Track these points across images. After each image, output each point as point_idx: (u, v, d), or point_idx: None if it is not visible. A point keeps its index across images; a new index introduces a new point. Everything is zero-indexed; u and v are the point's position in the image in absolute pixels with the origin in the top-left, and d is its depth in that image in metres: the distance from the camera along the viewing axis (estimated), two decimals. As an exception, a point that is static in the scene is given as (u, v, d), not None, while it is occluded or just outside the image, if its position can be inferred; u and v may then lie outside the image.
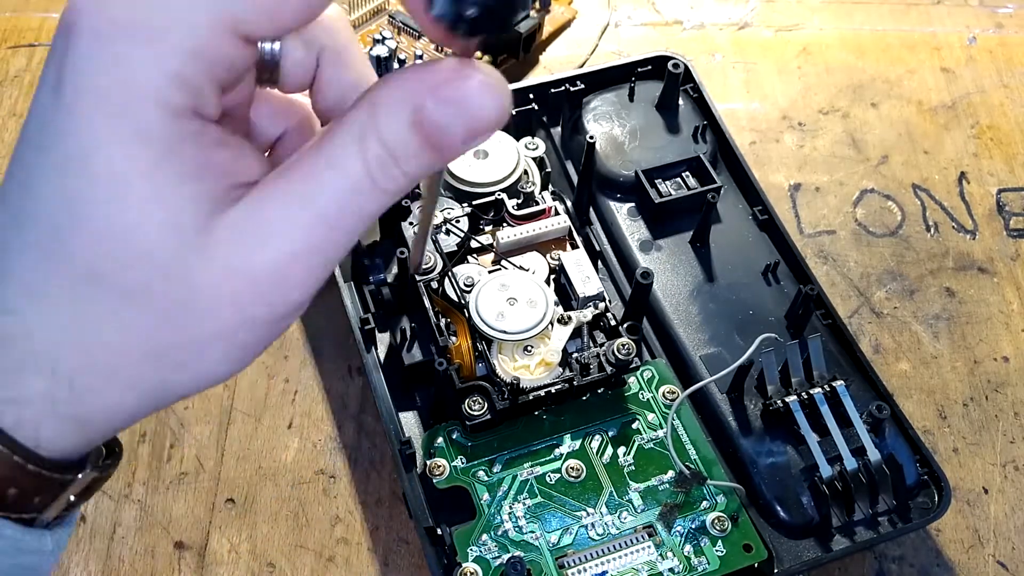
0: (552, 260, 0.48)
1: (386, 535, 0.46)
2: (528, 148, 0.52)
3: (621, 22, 0.66)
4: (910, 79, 0.64)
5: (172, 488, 0.46)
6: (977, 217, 0.58)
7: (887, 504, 0.43)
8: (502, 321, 0.45)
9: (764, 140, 0.61)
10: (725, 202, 0.53)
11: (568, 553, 0.41)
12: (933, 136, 0.61)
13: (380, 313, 0.48)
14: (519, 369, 0.45)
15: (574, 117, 0.56)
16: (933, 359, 0.52)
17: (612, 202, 0.53)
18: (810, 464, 0.43)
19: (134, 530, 0.45)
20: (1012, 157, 0.60)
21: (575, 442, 0.44)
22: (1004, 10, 0.68)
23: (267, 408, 0.49)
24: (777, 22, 0.67)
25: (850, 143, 0.61)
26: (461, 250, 0.48)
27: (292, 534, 0.45)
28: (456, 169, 0.50)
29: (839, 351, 0.47)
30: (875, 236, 0.57)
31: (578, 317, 0.46)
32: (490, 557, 0.41)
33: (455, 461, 0.43)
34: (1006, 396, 0.51)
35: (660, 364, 0.47)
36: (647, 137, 0.55)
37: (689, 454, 0.44)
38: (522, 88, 0.55)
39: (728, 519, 0.42)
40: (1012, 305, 0.54)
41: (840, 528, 0.43)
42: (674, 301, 0.49)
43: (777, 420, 0.45)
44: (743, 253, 0.51)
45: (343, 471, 0.47)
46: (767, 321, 0.49)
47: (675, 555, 0.41)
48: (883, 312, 0.54)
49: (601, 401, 0.46)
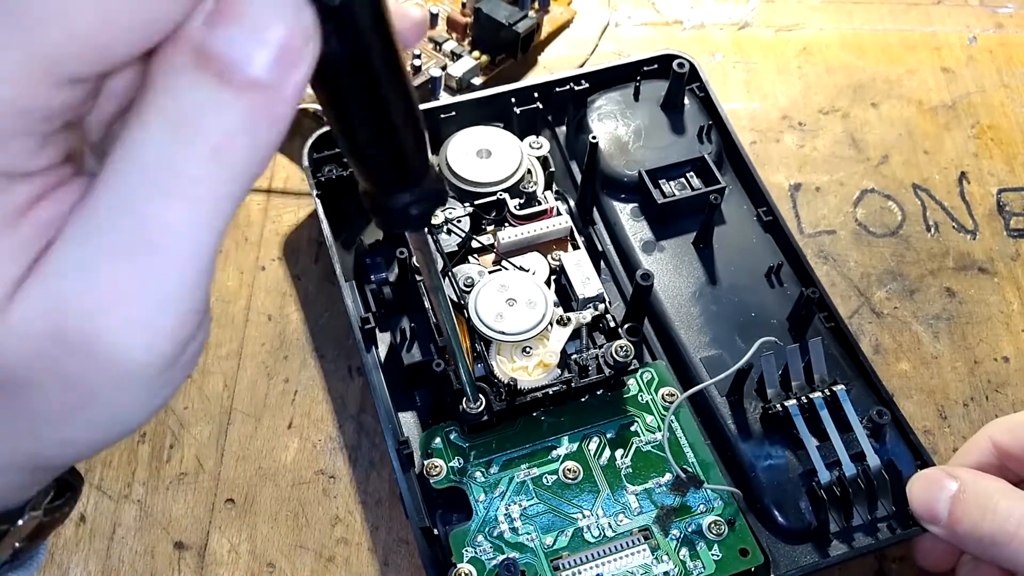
0: (553, 261, 0.46)
1: (386, 535, 0.44)
2: (532, 147, 0.50)
3: (621, 22, 0.64)
4: (910, 79, 0.62)
5: (172, 488, 0.44)
6: (977, 217, 0.55)
7: (886, 510, 0.41)
8: (501, 322, 0.43)
9: (764, 140, 0.58)
10: (730, 203, 0.51)
11: (563, 555, 0.40)
12: (933, 136, 0.59)
13: (381, 313, 0.47)
14: (517, 370, 0.43)
15: (579, 116, 0.54)
16: (933, 359, 0.50)
17: (616, 202, 0.51)
18: (809, 469, 0.41)
19: (134, 530, 0.43)
20: (1012, 157, 0.58)
21: (573, 444, 0.42)
22: (1004, 10, 0.66)
23: (267, 408, 0.47)
24: (777, 22, 0.65)
25: (850, 143, 0.58)
26: (462, 250, 0.47)
27: (292, 534, 0.44)
28: (459, 168, 0.49)
29: (840, 353, 0.45)
30: (875, 236, 0.54)
31: (577, 318, 0.44)
32: (485, 558, 0.39)
33: (452, 462, 0.42)
34: (1006, 396, 0.49)
35: (660, 366, 0.45)
36: (652, 137, 0.53)
37: (687, 457, 0.42)
38: (527, 87, 0.53)
39: (725, 523, 0.40)
40: (1012, 305, 0.52)
41: (838, 534, 0.41)
42: (676, 303, 0.47)
43: (776, 424, 0.43)
44: (747, 255, 0.49)
45: (343, 471, 0.45)
46: (769, 323, 0.47)
47: (671, 559, 0.40)
48: (883, 312, 0.52)
49: (600, 403, 0.44)
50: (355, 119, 0.21)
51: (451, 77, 0.56)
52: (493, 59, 0.58)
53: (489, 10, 0.57)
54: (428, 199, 0.25)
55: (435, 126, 0.51)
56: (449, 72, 0.56)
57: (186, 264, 0.18)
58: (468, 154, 0.49)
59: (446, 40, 0.58)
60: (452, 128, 0.51)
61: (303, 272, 0.52)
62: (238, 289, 0.51)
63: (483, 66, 0.57)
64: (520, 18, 0.57)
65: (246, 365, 0.48)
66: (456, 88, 0.56)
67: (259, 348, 0.49)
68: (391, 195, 0.24)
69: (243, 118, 0.17)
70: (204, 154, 0.17)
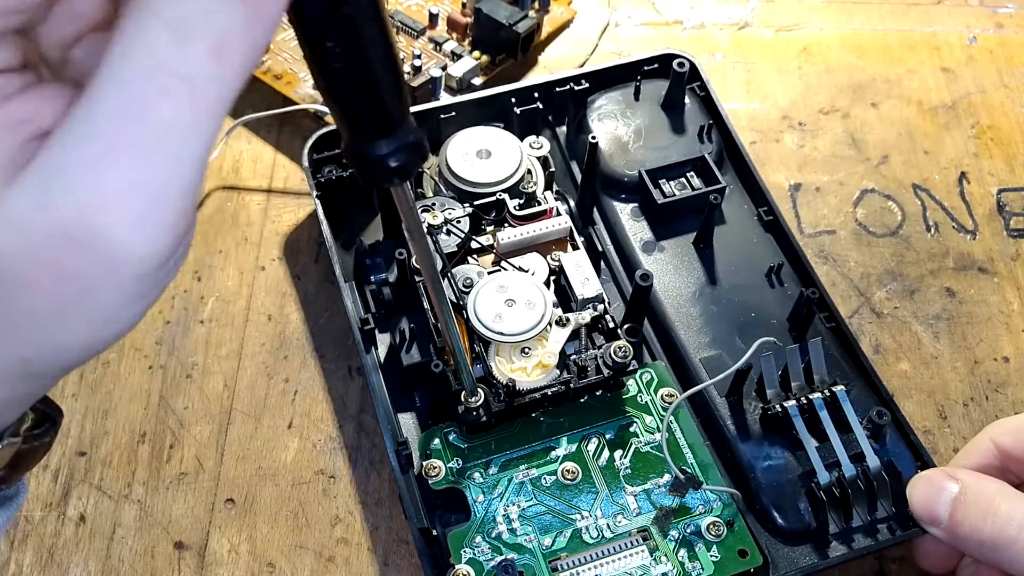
0: (552, 261, 0.46)
1: (386, 535, 0.44)
2: (532, 147, 0.50)
3: (621, 22, 0.64)
4: (910, 79, 0.61)
5: (172, 488, 0.44)
6: (977, 217, 0.55)
7: (886, 511, 0.41)
8: (500, 322, 0.42)
9: (764, 140, 0.58)
10: (730, 203, 0.51)
11: (562, 556, 0.39)
12: (933, 136, 0.58)
13: (381, 313, 0.46)
14: (516, 371, 0.42)
15: (579, 116, 0.54)
16: (933, 359, 0.50)
17: (616, 202, 0.51)
18: (808, 469, 0.41)
19: (134, 530, 0.43)
20: (1012, 157, 0.58)
21: (572, 445, 0.42)
22: (1004, 10, 0.65)
23: (267, 408, 0.47)
24: (777, 22, 0.64)
25: (850, 143, 0.58)
26: (461, 251, 0.46)
27: (292, 534, 0.43)
28: (459, 169, 0.48)
29: (840, 353, 0.45)
30: (875, 236, 0.54)
31: (576, 319, 0.43)
32: (483, 559, 0.39)
33: (451, 463, 0.41)
34: (1006, 396, 0.48)
35: (659, 367, 0.45)
36: (652, 136, 0.52)
37: (686, 458, 0.42)
38: (527, 87, 0.52)
39: (724, 524, 0.40)
40: (1012, 305, 0.51)
41: (838, 535, 0.40)
42: (676, 303, 0.47)
43: (776, 425, 0.42)
44: (747, 254, 0.49)
45: (343, 471, 0.45)
46: (769, 324, 0.46)
47: (669, 560, 0.39)
48: (883, 312, 0.51)
49: (599, 403, 0.43)
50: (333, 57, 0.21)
51: (451, 77, 0.55)
52: (493, 59, 0.57)
53: (489, 10, 0.56)
54: (407, 150, 0.24)
55: (435, 126, 0.51)
56: (449, 72, 0.55)
57: (186, 162, 0.18)
58: (468, 154, 0.49)
59: (446, 40, 0.57)
60: (452, 128, 0.50)
61: (303, 272, 0.51)
62: (238, 289, 0.50)
63: (483, 66, 0.57)
64: (520, 18, 0.56)
65: (246, 365, 0.48)
66: (456, 88, 0.55)
67: (259, 348, 0.48)
68: (369, 144, 0.24)
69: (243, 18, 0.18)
70: (205, 54, 0.18)
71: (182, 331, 0.49)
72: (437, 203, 0.47)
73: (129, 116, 0.18)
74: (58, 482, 0.44)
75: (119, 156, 0.18)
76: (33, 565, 0.42)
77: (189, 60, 0.18)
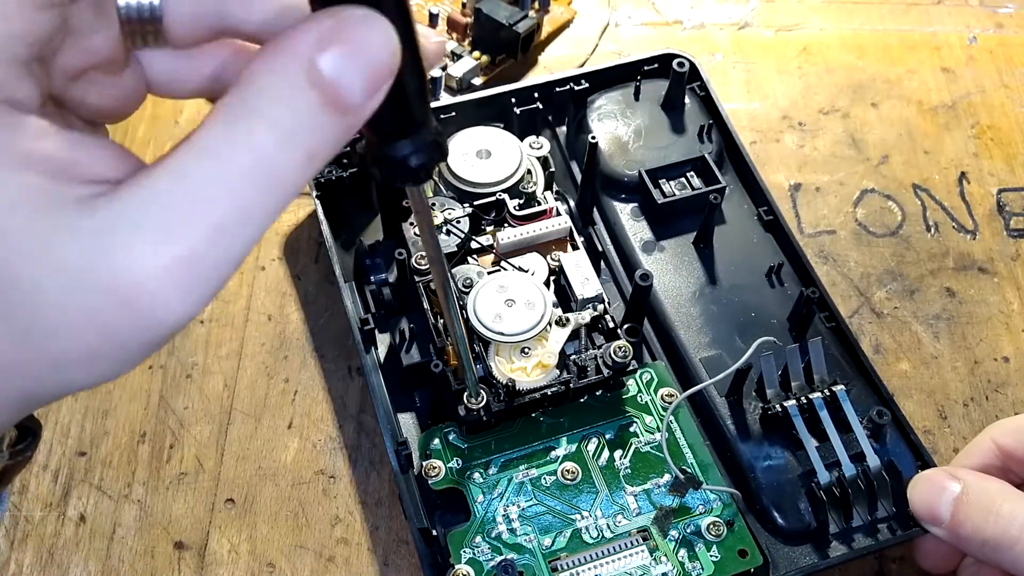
0: (552, 261, 0.46)
1: (386, 535, 0.43)
2: (532, 147, 0.50)
3: (621, 22, 0.64)
4: (910, 79, 0.61)
5: (172, 488, 0.44)
6: (977, 217, 0.55)
7: (886, 510, 0.40)
8: (499, 322, 0.42)
9: (764, 140, 0.58)
10: (730, 202, 0.50)
11: (561, 556, 0.39)
12: (933, 136, 0.58)
13: (380, 313, 0.46)
14: (516, 371, 0.42)
15: (579, 116, 0.53)
16: (933, 359, 0.49)
17: (616, 202, 0.51)
18: (808, 469, 0.41)
19: (134, 530, 0.43)
20: (1012, 157, 0.57)
21: (571, 445, 0.42)
22: (1004, 10, 0.65)
23: (267, 408, 0.46)
24: (777, 22, 0.64)
25: (850, 143, 0.58)
26: (461, 251, 0.46)
27: (292, 534, 0.43)
28: (458, 169, 0.48)
29: (840, 353, 0.45)
30: (875, 236, 0.54)
31: (576, 319, 0.43)
32: (483, 559, 0.39)
33: (451, 463, 0.41)
34: (1006, 396, 0.48)
35: (659, 367, 0.44)
36: (652, 136, 0.52)
37: (686, 458, 0.42)
38: (527, 87, 0.52)
39: (724, 524, 0.39)
40: (1012, 305, 0.51)
41: (838, 535, 0.40)
42: (676, 303, 0.47)
43: (776, 424, 0.42)
44: (747, 254, 0.49)
45: (343, 471, 0.45)
46: (769, 323, 0.46)
47: (669, 560, 0.39)
48: (883, 312, 0.51)
49: (599, 403, 0.43)
50: None
51: (451, 77, 0.55)
52: (493, 59, 0.57)
53: (489, 10, 0.56)
54: (428, 150, 0.24)
55: (435, 126, 0.51)
56: (449, 72, 0.55)
57: (247, 245, 0.19)
58: (468, 154, 0.48)
59: (446, 40, 0.57)
60: (452, 128, 0.50)
61: (303, 272, 0.51)
62: (238, 289, 0.50)
63: (483, 66, 0.57)
64: (520, 18, 0.56)
65: (246, 365, 0.48)
66: (456, 88, 0.55)
67: (259, 348, 0.48)
68: (391, 144, 0.24)
69: (337, 134, 0.19)
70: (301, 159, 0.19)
71: (182, 331, 0.48)
72: (437, 203, 0.47)
73: (217, 199, 0.18)
74: (58, 482, 0.44)
75: (194, 232, 0.18)
76: (33, 565, 0.42)
77: (288, 164, 0.19)
